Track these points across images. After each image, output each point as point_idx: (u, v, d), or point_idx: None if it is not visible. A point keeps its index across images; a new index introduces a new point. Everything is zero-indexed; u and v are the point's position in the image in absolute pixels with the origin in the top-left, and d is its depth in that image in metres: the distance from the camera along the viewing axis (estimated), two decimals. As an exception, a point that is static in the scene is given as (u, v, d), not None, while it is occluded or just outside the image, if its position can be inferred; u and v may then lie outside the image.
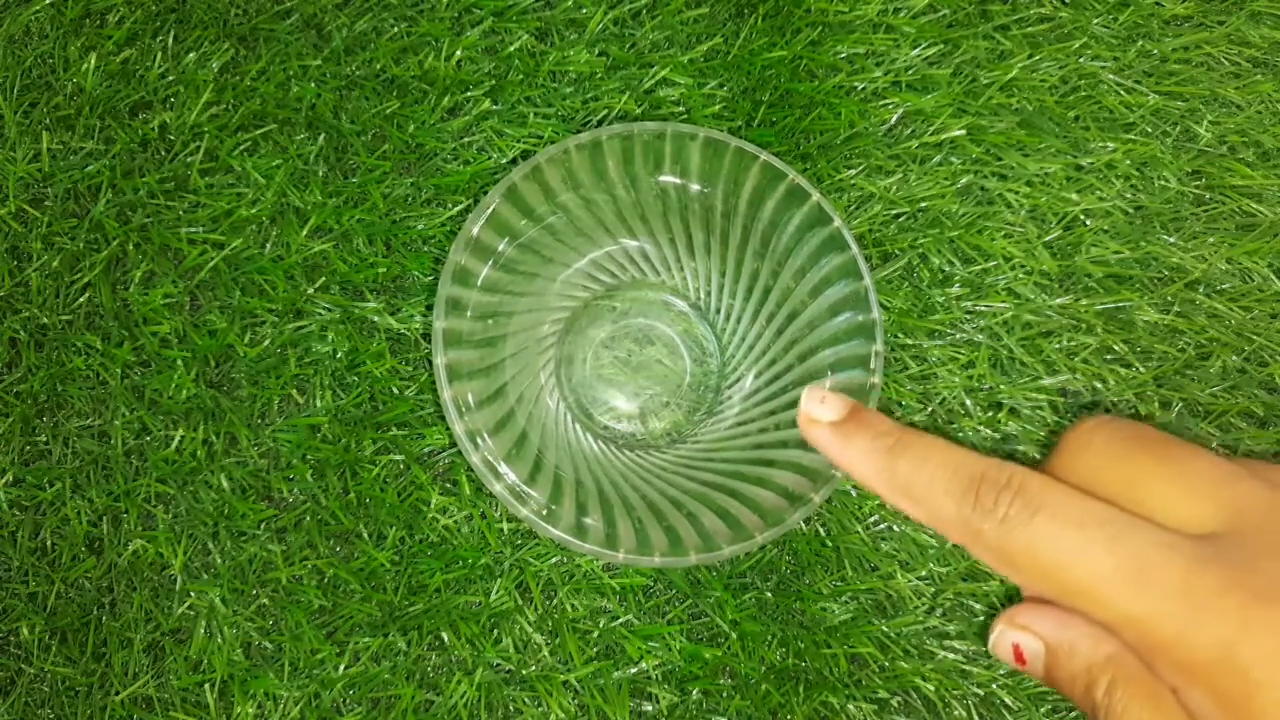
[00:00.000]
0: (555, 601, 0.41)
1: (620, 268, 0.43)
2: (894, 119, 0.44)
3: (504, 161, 0.43)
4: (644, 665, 0.40)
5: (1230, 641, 0.23)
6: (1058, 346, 0.42)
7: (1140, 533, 0.25)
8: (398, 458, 0.41)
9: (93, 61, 0.43)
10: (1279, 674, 0.23)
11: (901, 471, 0.29)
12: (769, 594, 0.41)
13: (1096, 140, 0.44)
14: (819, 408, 0.31)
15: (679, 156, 0.38)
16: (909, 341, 0.42)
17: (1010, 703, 0.40)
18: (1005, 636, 0.28)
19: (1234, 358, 0.43)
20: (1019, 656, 0.28)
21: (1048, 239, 0.43)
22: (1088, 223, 0.43)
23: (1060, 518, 0.26)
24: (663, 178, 0.39)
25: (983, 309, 0.43)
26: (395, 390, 0.41)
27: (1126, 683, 0.25)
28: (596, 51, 0.44)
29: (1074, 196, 0.43)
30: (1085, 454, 0.28)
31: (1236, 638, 0.23)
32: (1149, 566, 0.24)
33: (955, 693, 0.40)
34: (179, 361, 0.41)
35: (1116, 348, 0.42)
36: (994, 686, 0.40)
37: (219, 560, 0.41)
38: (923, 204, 0.43)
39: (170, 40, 0.43)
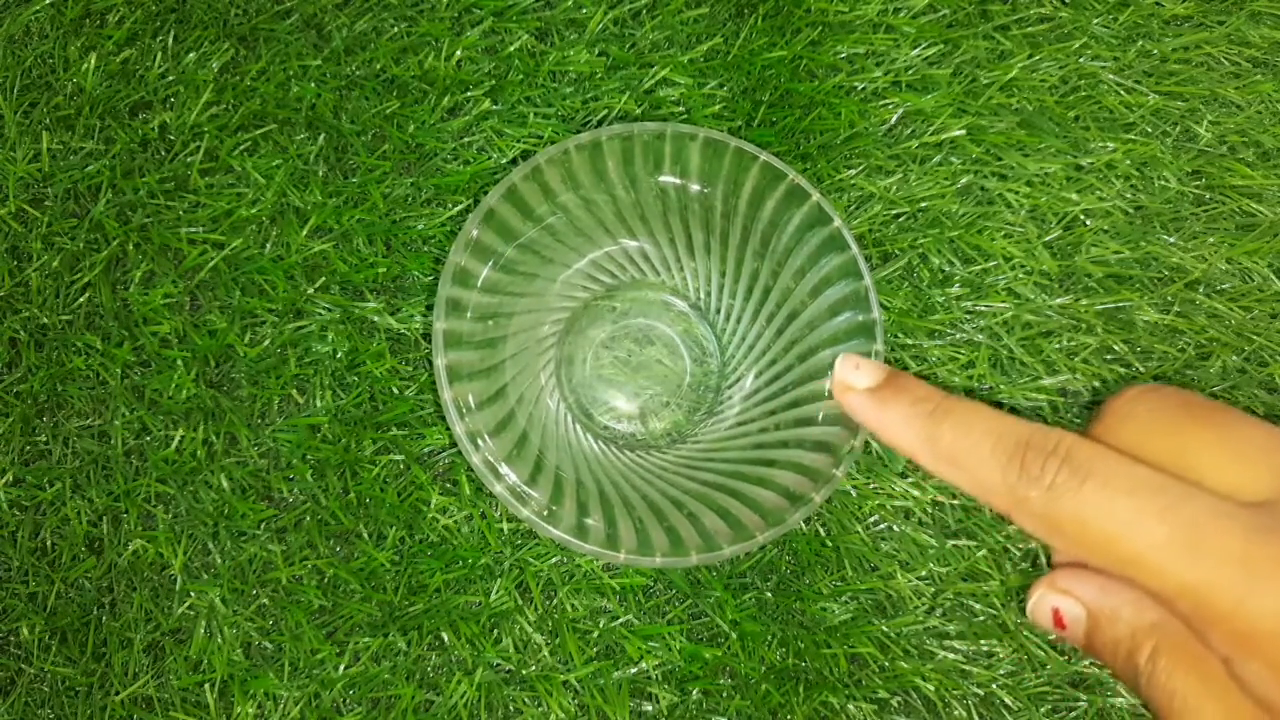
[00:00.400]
0: (555, 601, 0.41)
1: (620, 268, 0.42)
2: (894, 119, 0.44)
3: (504, 161, 0.43)
4: (644, 665, 0.40)
5: None
6: (1058, 346, 0.42)
7: (1195, 501, 0.24)
8: (398, 458, 0.41)
9: (93, 61, 0.43)
10: None
11: (944, 438, 0.28)
12: (769, 594, 0.41)
13: (1096, 140, 0.44)
14: (854, 374, 0.30)
15: (679, 157, 0.38)
16: (909, 341, 0.42)
17: (1010, 703, 0.40)
18: (1045, 600, 0.27)
19: (1234, 358, 0.43)
20: (1058, 621, 0.27)
21: (1048, 239, 0.43)
22: (1088, 223, 0.43)
23: (1111, 485, 0.25)
24: (662, 178, 0.39)
25: (983, 309, 0.43)
26: (395, 390, 0.41)
27: (1171, 650, 0.25)
28: (596, 51, 0.44)
29: (1074, 196, 0.43)
30: (1130, 421, 0.27)
31: None
32: (1205, 535, 0.23)
33: (955, 693, 0.40)
34: (179, 361, 0.41)
35: (1116, 348, 0.42)
36: (994, 686, 0.40)
37: (219, 560, 0.41)
38: (923, 204, 0.43)
39: (170, 40, 0.43)
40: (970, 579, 0.41)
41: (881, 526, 0.42)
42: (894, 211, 0.43)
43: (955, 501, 0.41)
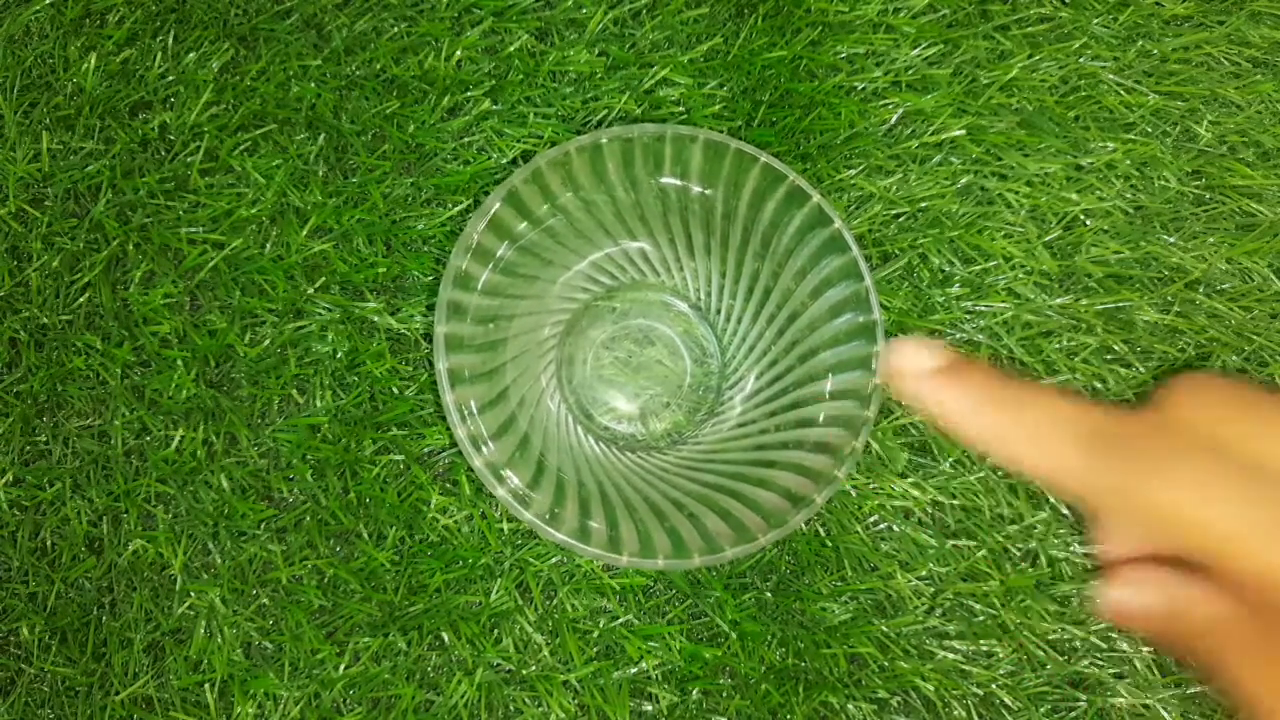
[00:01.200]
0: (555, 601, 0.41)
1: (620, 269, 0.42)
2: (894, 119, 0.44)
3: (504, 162, 0.43)
4: (644, 665, 0.40)
5: None
6: (1058, 346, 0.42)
7: (1276, 488, 0.24)
8: (398, 458, 0.41)
9: (93, 61, 0.43)
10: None
11: (1025, 422, 0.27)
12: (769, 594, 0.41)
13: (1096, 140, 0.44)
14: (914, 358, 0.30)
15: (679, 158, 0.38)
16: (909, 342, 0.42)
17: (1010, 703, 0.40)
18: (1115, 594, 0.28)
19: (1234, 358, 0.43)
20: (1129, 615, 0.28)
21: (1048, 239, 0.43)
22: (1088, 223, 0.43)
23: (1194, 473, 0.25)
24: (663, 179, 0.39)
25: (983, 309, 0.43)
26: (395, 390, 0.41)
27: (1241, 640, 0.25)
28: (596, 51, 0.44)
29: (1074, 196, 0.43)
30: (1202, 409, 0.27)
31: None
32: None
33: (955, 693, 0.40)
34: (179, 361, 0.41)
35: (1116, 348, 0.43)
36: (994, 686, 0.40)
37: (219, 560, 0.41)
38: (923, 204, 0.43)
39: (170, 40, 0.43)
40: (970, 579, 0.41)
41: (881, 526, 0.42)
42: (894, 211, 0.43)
43: (955, 502, 0.42)
